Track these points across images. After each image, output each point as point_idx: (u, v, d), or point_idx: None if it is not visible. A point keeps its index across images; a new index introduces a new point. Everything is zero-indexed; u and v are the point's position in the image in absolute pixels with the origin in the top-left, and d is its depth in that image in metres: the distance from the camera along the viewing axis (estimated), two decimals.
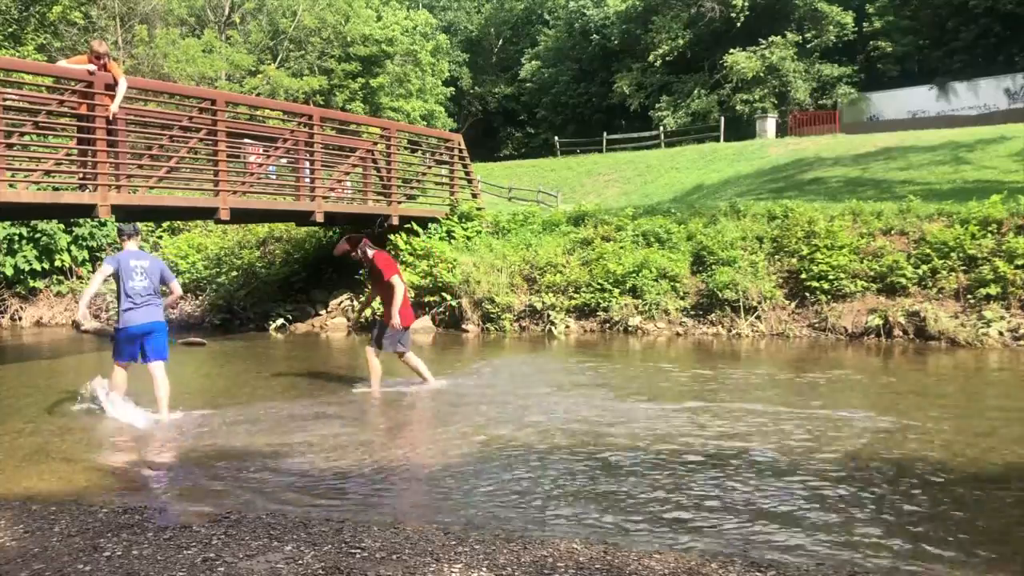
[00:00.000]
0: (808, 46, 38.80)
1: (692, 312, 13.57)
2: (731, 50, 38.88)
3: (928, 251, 12.72)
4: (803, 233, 13.54)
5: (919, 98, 35.03)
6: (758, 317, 13.07)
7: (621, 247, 14.43)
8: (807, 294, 13.07)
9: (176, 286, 7.83)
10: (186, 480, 5.66)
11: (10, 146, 10.03)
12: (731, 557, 4.12)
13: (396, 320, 8.50)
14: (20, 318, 17.02)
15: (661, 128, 38.94)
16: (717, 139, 35.30)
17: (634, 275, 13.71)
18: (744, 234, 14.17)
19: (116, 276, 7.41)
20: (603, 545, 4.28)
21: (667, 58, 41.25)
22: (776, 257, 13.70)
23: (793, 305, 13.16)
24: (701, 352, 11.66)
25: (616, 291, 13.75)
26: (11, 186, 10.00)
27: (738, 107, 38.26)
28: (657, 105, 41.69)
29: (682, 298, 13.68)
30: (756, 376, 9.56)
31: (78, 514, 4.74)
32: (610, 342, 12.79)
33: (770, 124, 35.52)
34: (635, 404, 7.93)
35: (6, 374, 10.83)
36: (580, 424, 7.07)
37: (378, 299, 9.22)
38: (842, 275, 12.85)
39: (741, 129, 36.15)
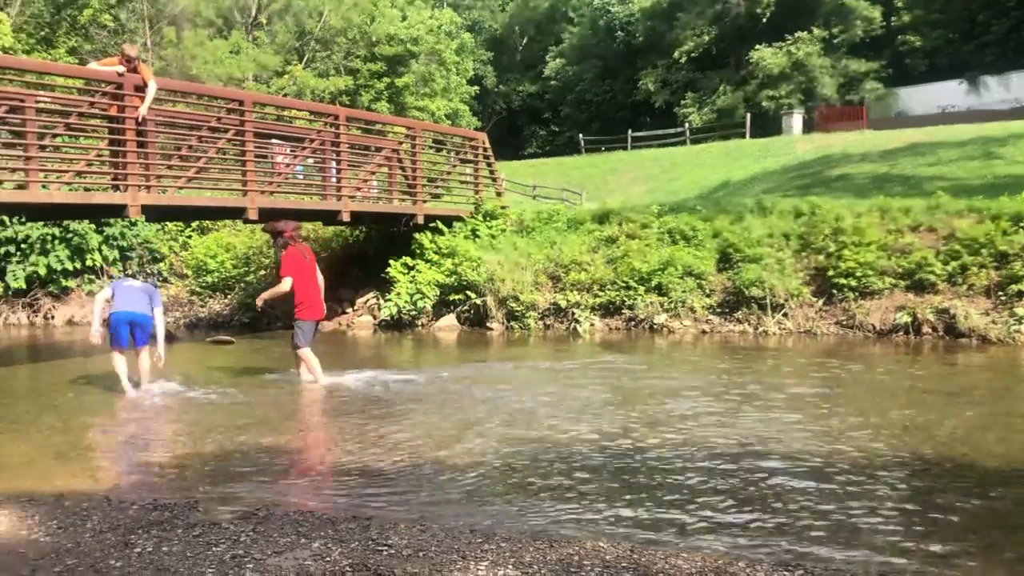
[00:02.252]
0: (835, 41, 38.40)
1: (718, 310, 13.51)
2: (757, 46, 38.60)
3: (958, 247, 12.56)
4: (830, 230, 13.43)
5: (949, 93, 34.56)
6: (785, 315, 12.99)
7: (646, 245, 14.39)
8: (834, 291, 12.96)
9: (157, 311, 8.99)
10: (214, 477, 5.73)
11: (43, 148, 10.18)
12: (759, 557, 4.10)
13: (259, 303, 9.39)
14: (53, 317, 17.27)
15: (686, 125, 38.75)
16: (743, 136, 35.06)
17: (660, 273, 13.67)
18: (770, 231, 14.07)
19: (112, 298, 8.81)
20: (630, 543, 4.28)
21: (692, 55, 41.03)
22: (803, 254, 13.59)
23: (820, 302, 13.06)
24: (728, 349, 11.60)
25: (641, 289, 13.71)
26: (44, 187, 10.16)
27: (764, 103, 37.96)
28: (682, 102, 41.48)
29: (708, 296, 13.62)
30: (790, 371, 9.50)
31: (109, 510, 4.81)
32: (635, 340, 12.76)
33: (796, 120, 35.24)
34: (666, 402, 7.91)
35: (39, 372, 11.01)
36: (610, 423, 7.07)
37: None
38: (870, 272, 12.73)
39: (767, 126, 35.88)
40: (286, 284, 8.98)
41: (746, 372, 9.56)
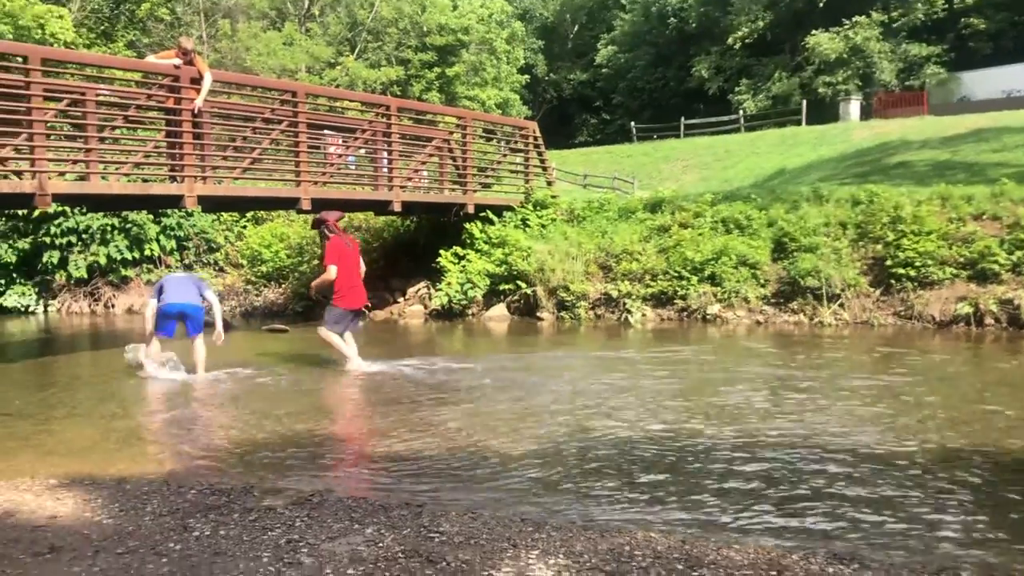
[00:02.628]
0: (894, 25, 37.44)
1: (773, 300, 13.31)
2: (813, 31, 37.83)
3: (1023, 236, 12.19)
4: (888, 219, 13.14)
5: (1014, 77, 33.44)
6: (841, 305, 12.75)
7: (699, 234, 14.24)
8: (892, 281, 12.68)
9: (210, 295, 9.29)
10: (269, 463, 5.81)
11: (102, 140, 10.41)
12: (813, 549, 4.04)
13: (311, 293, 9.88)
14: (113, 305, 17.70)
15: (740, 112, 38.20)
16: (799, 123, 34.44)
17: (713, 262, 13.51)
18: (827, 220, 13.82)
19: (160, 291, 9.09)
20: (681, 534, 4.24)
21: (747, 40, 40.39)
22: (860, 243, 13.33)
23: (878, 292, 12.79)
24: (784, 340, 11.43)
25: (694, 279, 13.57)
26: (104, 178, 10.38)
27: (820, 90, 37.22)
28: (736, 89, 40.90)
29: (762, 286, 13.43)
30: (853, 363, 9.33)
31: (168, 495, 4.91)
32: (688, 331, 12.64)
33: (854, 107, 34.48)
34: (726, 392, 7.83)
35: (100, 359, 11.29)
36: (668, 414, 7.02)
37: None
38: (929, 262, 12.43)
39: (824, 112, 35.17)
40: (331, 272, 9.18)
41: (806, 364, 9.40)
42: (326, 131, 14.11)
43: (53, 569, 3.70)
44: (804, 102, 35.73)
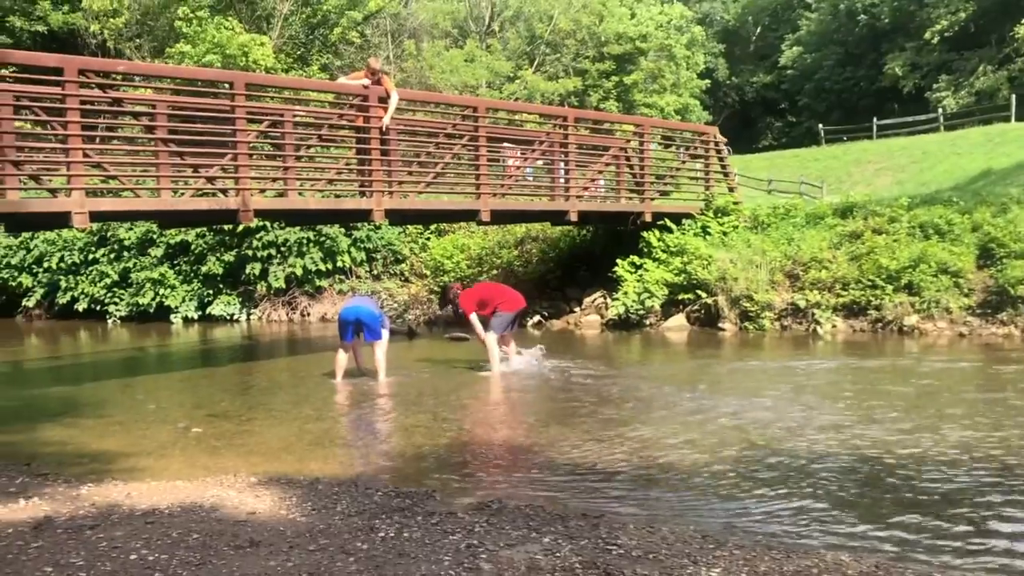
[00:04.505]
0: None
1: (978, 311, 12.31)
2: (1023, 20, 34.87)
3: None
4: None
5: None
6: None
7: (895, 240, 13.39)
8: None
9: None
10: (450, 467, 5.94)
11: (298, 158, 11.06)
12: None
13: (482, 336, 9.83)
14: (308, 314, 18.75)
15: (940, 110, 35.70)
16: (1007, 119, 31.69)
17: (910, 270, 12.66)
18: None
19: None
20: (874, 558, 3.97)
21: (946, 34, 37.78)
22: None
23: None
24: (996, 354, 10.53)
25: (889, 288, 12.77)
26: (300, 194, 11.03)
27: None
28: (935, 86, 38.34)
29: (966, 295, 12.45)
30: None
31: (356, 495, 5.11)
32: (883, 343, 11.90)
33: None
34: (928, 409, 7.32)
35: (296, 365, 11.98)
36: (866, 432, 6.62)
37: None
38: None
39: None
40: (473, 319, 9.71)
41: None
42: (505, 144, 14.36)
43: (252, 562, 3.92)
44: (1013, 97, 32.87)
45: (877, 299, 12.79)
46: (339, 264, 18.56)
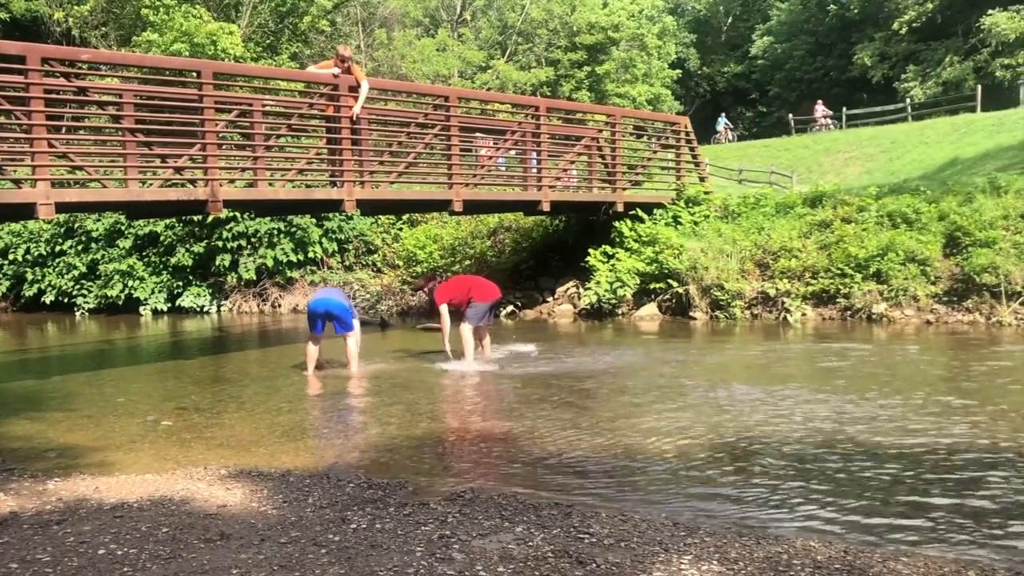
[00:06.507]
0: None
1: (944, 298, 12.48)
2: (990, 11, 35.27)
3: None
4: None
5: None
6: (1023, 303, 11.80)
7: (864, 229, 13.53)
8: None
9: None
10: (423, 458, 5.94)
11: (268, 148, 10.96)
12: (992, 566, 3.73)
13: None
14: (279, 305, 18.64)
15: (908, 100, 36.08)
16: (973, 109, 32.08)
17: (878, 259, 12.81)
18: (1006, 212, 12.84)
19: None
20: (843, 544, 4.02)
21: (914, 24, 38.17)
22: None
23: None
24: (960, 342, 10.69)
25: (858, 276, 12.91)
26: (270, 184, 10.93)
27: (998, 73, 34.68)
28: (903, 76, 38.74)
29: (933, 283, 12.62)
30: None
31: (328, 487, 5.10)
32: (852, 331, 12.04)
33: None
34: (884, 400, 7.41)
35: (268, 357, 11.90)
36: (829, 422, 6.70)
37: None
38: None
39: (1001, 98, 32.64)
40: (443, 310, 9.80)
41: (996, 370, 8.75)
42: (477, 134, 14.32)
43: (223, 555, 3.90)
44: (979, 87, 33.30)
45: (846, 287, 12.93)
46: (310, 255, 18.47)
